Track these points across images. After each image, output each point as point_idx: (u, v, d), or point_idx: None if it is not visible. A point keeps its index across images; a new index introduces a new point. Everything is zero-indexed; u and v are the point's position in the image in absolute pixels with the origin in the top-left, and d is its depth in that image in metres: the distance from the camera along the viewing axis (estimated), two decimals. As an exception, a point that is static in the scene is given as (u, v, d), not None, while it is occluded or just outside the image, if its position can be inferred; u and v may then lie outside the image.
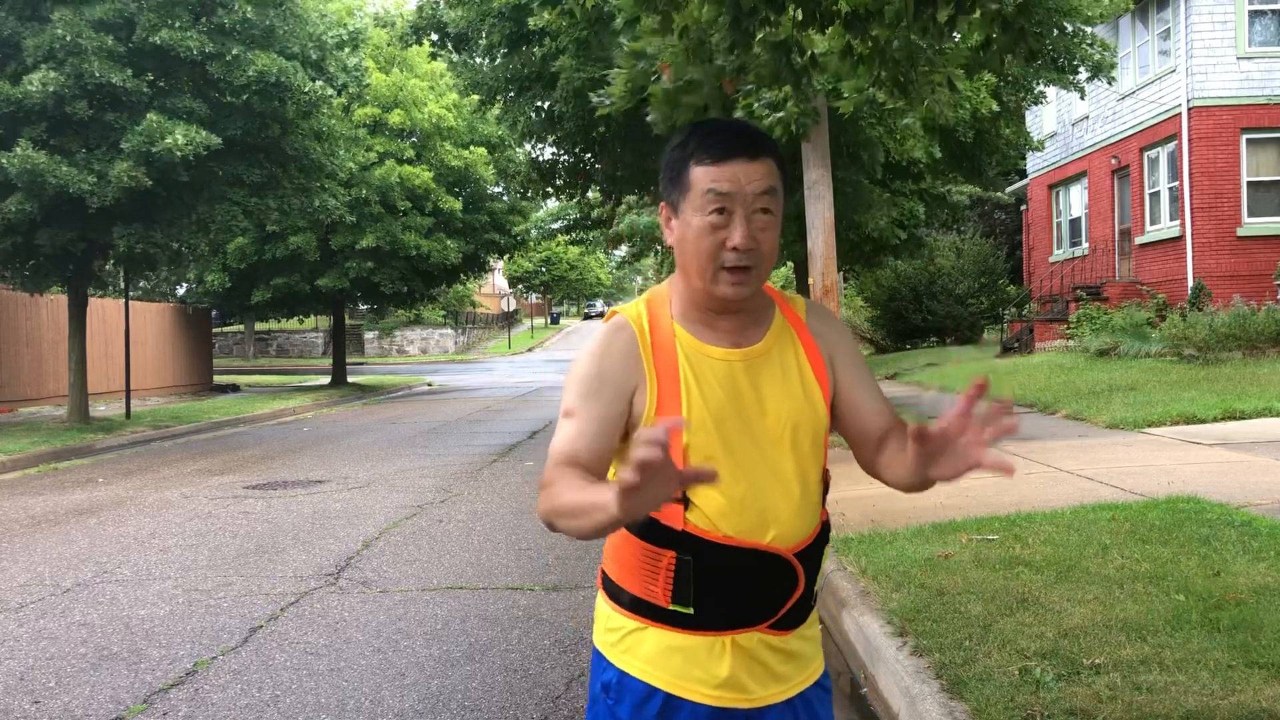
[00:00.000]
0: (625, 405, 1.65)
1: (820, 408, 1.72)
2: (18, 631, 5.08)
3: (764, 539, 1.64)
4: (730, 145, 1.63)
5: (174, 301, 32.13)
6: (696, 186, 1.63)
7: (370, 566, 6.27)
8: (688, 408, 1.63)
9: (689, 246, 1.64)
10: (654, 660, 1.66)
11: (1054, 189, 25.97)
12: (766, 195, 1.63)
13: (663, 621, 1.66)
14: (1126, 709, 3.28)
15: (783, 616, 1.68)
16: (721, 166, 1.61)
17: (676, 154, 1.68)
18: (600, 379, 1.65)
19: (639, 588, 1.67)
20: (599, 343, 1.70)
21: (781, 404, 1.68)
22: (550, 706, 3.93)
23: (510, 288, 75.99)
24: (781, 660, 1.70)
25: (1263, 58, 19.09)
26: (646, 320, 1.70)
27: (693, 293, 1.69)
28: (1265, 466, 7.97)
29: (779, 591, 1.67)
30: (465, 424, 15.96)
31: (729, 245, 1.61)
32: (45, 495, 9.58)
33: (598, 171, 15.62)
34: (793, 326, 1.76)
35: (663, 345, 1.67)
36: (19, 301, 18.44)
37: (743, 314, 1.71)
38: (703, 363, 1.67)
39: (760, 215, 1.63)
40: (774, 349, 1.72)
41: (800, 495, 1.68)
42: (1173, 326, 16.26)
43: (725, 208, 1.61)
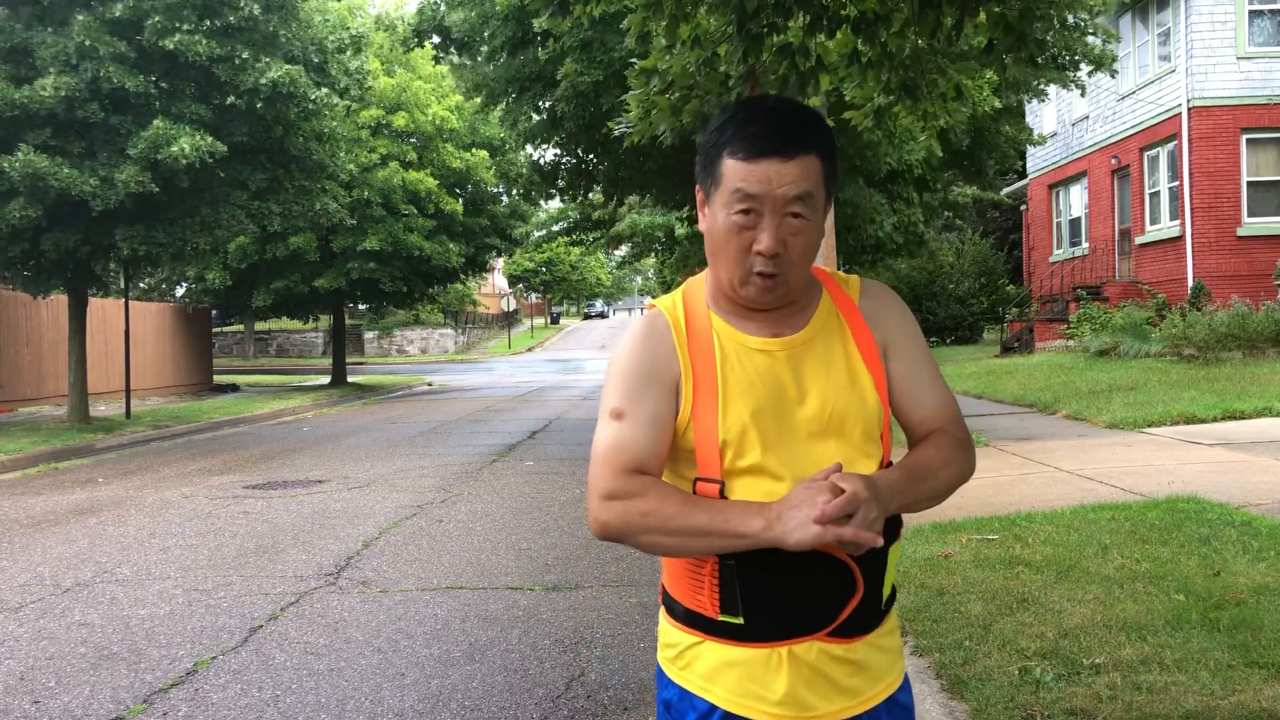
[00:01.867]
0: (674, 400, 1.56)
1: (871, 397, 1.59)
2: (18, 631, 5.08)
3: None
4: (765, 141, 1.50)
5: (174, 301, 32.14)
6: (726, 181, 1.52)
7: (370, 566, 6.27)
8: (724, 400, 1.54)
9: (717, 243, 1.56)
10: (711, 676, 1.57)
11: (1054, 189, 25.97)
12: (800, 200, 1.51)
13: (715, 634, 1.56)
14: (1126, 709, 3.28)
15: (844, 623, 1.55)
16: (752, 164, 1.50)
17: (713, 137, 1.57)
18: (647, 375, 1.57)
19: (688, 599, 1.59)
20: (638, 337, 1.62)
21: (826, 395, 1.57)
22: (550, 706, 3.93)
23: (510, 287, 75.99)
24: (849, 673, 1.57)
25: (1262, 58, 19.10)
26: (682, 310, 1.62)
27: (722, 285, 1.60)
28: (1265, 466, 7.97)
29: (834, 595, 1.54)
30: (465, 424, 15.96)
31: (755, 249, 1.52)
32: (45, 495, 9.58)
33: (600, 173, 15.62)
34: (842, 311, 1.64)
35: (699, 335, 1.59)
36: (19, 301, 18.44)
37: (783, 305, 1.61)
38: (741, 353, 1.58)
39: (793, 219, 1.51)
40: (818, 336, 1.61)
41: None
42: (1172, 326, 16.26)
43: (753, 209, 1.50)
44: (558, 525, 7.42)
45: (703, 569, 1.55)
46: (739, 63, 4.00)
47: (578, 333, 66.89)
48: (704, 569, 1.55)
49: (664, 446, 1.55)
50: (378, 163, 24.02)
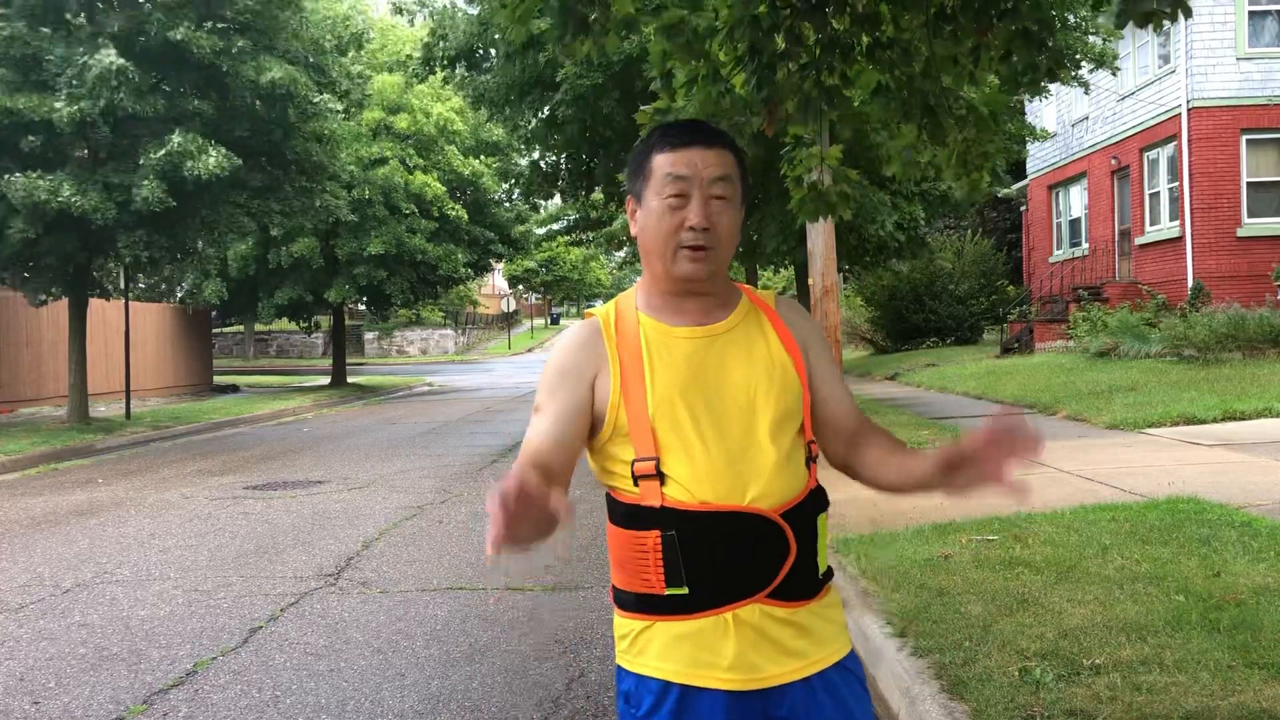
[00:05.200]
0: (587, 393, 1.72)
1: (792, 375, 1.75)
2: (18, 632, 5.08)
3: (744, 500, 1.64)
4: (688, 134, 1.72)
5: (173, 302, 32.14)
6: (657, 172, 1.71)
7: (370, 567, 6.27)
8: (651, 382, 1.68)
9: (650, 229, 1.72)
10: (663, 654, 1.66)
11: (1054, 189, 25.97)
12: (722, 181, 1.70)
13: (664, 612, 1.66)
14: (1126, 709, 3.28)
15: (783, 585, 1.66)
16: (680, 152, 1.70)
17: (640, 147, 1.79)
18: (562, 372, 1.74)
19: (636, 582, 1.68)
20: (565, 341, 1.80)
21: (748, 372, 1.72)
22: (550, 707, 3.93)
23: (510, 288, 75.98)
24: (794, 635, 1.68)
25: (1262, 58, 19.10)
26: (613, 313, 1.79)
27: (655, 279, 1.76)
28: (1265, 467, 7.97)
29: (771, 556, 1.65)
30: (465, 424, 15.96)
31: (687, 224, 1.68)
32: (45, 496, 9.58)
33: (599, 173, 15.64)
34: (761, 310, 1.81)
35: (626, 331, 1.74)
36: (19, 302, 18.43)
37: (707, 297, 1.76)
38: (665, 342, 1.73)
39: (716, 200, 1.70)
40: (740, 326, 1.77)
41: (777, 455, 1.68)
42: (1172, 327, 16.26)
43: (683, 191, 1.69)
44: (558, 526, 7.42)
45: (646, 544, 1.65)
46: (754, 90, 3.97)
47: (578, 333, 66.79)
48: (647, 544, 1.65)
49: (569, 436, 1.71)
50: (378, 159, 23.98)
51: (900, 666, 3.79)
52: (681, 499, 1.64)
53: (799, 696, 1.68)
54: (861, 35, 4.06)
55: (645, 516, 1.66)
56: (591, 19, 3.77)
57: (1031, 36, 3.90)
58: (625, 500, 1.70)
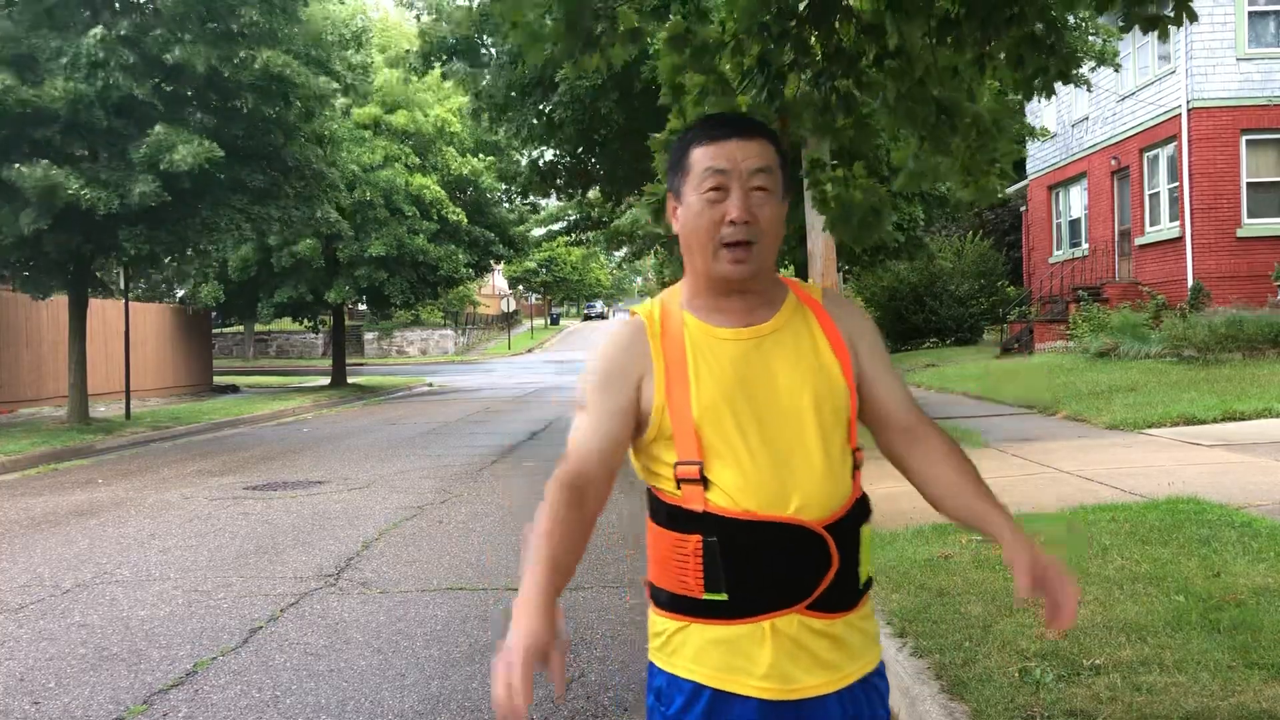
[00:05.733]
0: (633, 394, 1.69)
1: (839, 381, 1.70)
2: (18, 632, 5.07)
3: (787, 510, 1.60)
4: (726, 126, 1.69)
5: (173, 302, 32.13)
6: (695, 167, 1.67)
7: (370, 567, 6.27)
8: (696, 387, 1.64)
9: (689, 225, 1.68)
10: (697, 657, 1.64)
11: (1054, 190, 25.97)
12: (762, 173, 1.66)
13: (701, 615, 1.63)
14: (1126, 710, 3.28)
15: (823, 597, 1.63)
16: (718, 145, 1.66)
17: (678, 143, 1.74)
18: (608, 373, 1.71)
19: (674, 583, 1.66)
20: (609, 338, 1.76)
21: (795, 377, 1.67)
22: (550, 708, 3.93)
23: (510, 288, 76.00)
24: (829, 647, 1.65)
25: (1262, 59, 19.10)
26: (658, 312, 1.74)
27: (698, 277, 1.71)
28: (1265, 467, 7.97)
29: (812, 568, 1.62)
30: (465, 425, 15.96)
31: (727, 219, 1.64)
32: (45, 496, 9.58)
33: (598, 172, 15.64)
34: (808, 307, 1.76)
35: (671, 332, 1.70)
36: (19, 302, 18.44)
37: (751, 294, 1.71)
38: (711, 344, 1.68)
39: (757, 192, 1.65)
40: (786, 326, 1.71)
41: (823, 464, 1.64)
42: (1172, 327, 16.25)
43: (722, 185, 1.64)
44: (558, 526, 7.42)
45: (686, 548, 1.63)
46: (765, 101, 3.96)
47: (578, 334, 66.87)
48: (687, 548, 1.63)
49: (616, 437, 1.69)
50: (379, 164, 23.98)
51: (900, 667, 3.79)
52: (724, 506, 1.61)
53: (833, 711, 1.65)
54: (868, 46, 4.06)
55: (687, 520, 1.64)
56: (599, 32, 3.78)
57: (1039, 41, 3.90)
58: (667, 501, 1.68)
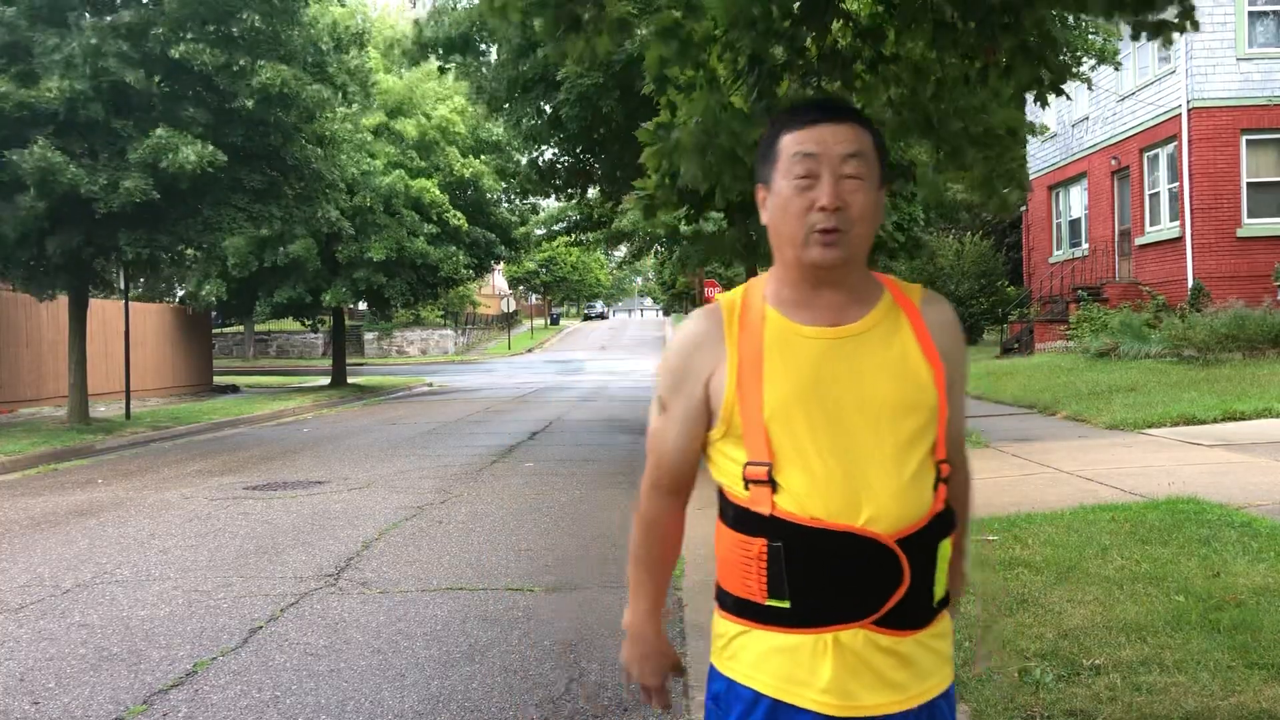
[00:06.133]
0: (703, 394, 1.65)
1: (929, 390, 1.61)
2: (17, 632, 5.07)
3: (858, 521, 1.53)
4: (818, 110, 1.64)
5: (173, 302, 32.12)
6: (784, 153, 1.62)
7: (370, 567, 6.27)
8: (770, 386, 1.58)
9: (778, 213, 1.62)
10: (757, 664, 1.59)
11: (1054, 190, 25.98)
12: (855, 159, 1.59)
13: (763, 621, 1.58)
14: (1126, 710, 3.28)
15: (892, 613, 1.55)
16: (808, 130, 1.60)
17: (767, 133, 1.68)
18: (684, 370, 1.67)
19: (738, 585, 1.61)
20: (685, 329, 1.70)
21: (881, 383, 1.59)
22: (550, 707, 3.93)
23: (510, 288, 76.01)
24: (895, 666, 1.57)
25: (1262, 59, 19.10)
26: (739, 302, 1.68)
27: (787, 267, 1.65)
28: (1265, 467, 7.97)
29: (881, 582, 1.54)
30: (465, 425, 15.96)
31: (817, 205, 1.58)
32: (45, 496, 9.58)
33: (598, 172, 15.63)
34: (904, 309, 1.67)
35: (750, 325, 1.63)
36: (19, 302, 18.44)
37: (842, 290, 1.64)
38: (791, 341, 1.61)
39: (849, 180, 1.59)
40: (877, 328, 1.63)
41: (900, 475, 1.56)
42: (1172, 327, 16.26)
43: (812, 171, 1.59)
44: (558, 526, 7.42)
45: (751, 551, 1.58)
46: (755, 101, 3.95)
47: (578, 334, 66.89)
48: (752, 551, 1.58)
49: (692, 437, 1.68)
50: (380, 170, 23.97)
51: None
52: (792, 511, 1.55)
53: None
54: (863, 49, 4.05)
55: (753, 522, 1.58)
56: (586, 18, 3.75)
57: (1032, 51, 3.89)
58: (734, 501, 1.62)
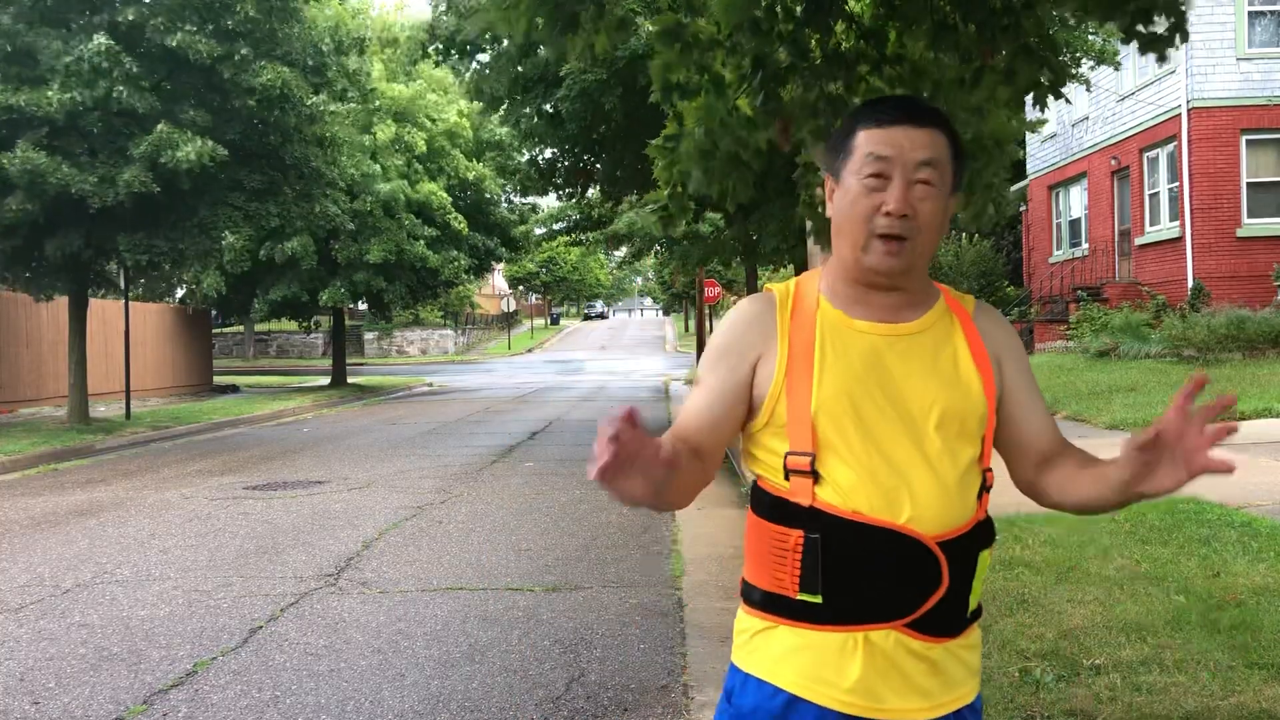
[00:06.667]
0: (748, 373, 1.59)
1: (977, 397, 1.58)
2: (17, 632, 5.07)
3: (899, 519, 1.49)
4: (897, 110, 1.58)
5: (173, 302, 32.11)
6: (858, 150, 1.57)
7: (370, 567, 6.27)
8: (819, 374, 1.54)
9: (843, 211, 1.58)
10: (780, 659, 1.54)
11: (1054, 190, 25.97)
12: (928, 166, 1.54)
13: (792, 616, 1.54)
14: (1126, 710, 3.28)
15: (926, 617, 1.51)
16: (885, 130, 1.55)
17: (844, 123, 1.64)
18: (726, 348, 1.62)
19: (768, 579, 1.56)
20: (736, 311, 1.67)
21: (928, 386, 1.56)
22: (550, 707, 3.93)
23: (510, 289, 76.02)
24: (925, 672, 1.53)
25: (1262, 59, 19.10)
26: (792, 292, 1.64)
27: (845, 266, 1.61)
28: (1265, 467, 7.98)
29: (918, 584, 1.50)
30: (465, 425, 15.96)
31: (883, 210, 1.53)
32: (45, 496, 9.58)
33: (598, 171, 15.63)
34: (957, 317, 1.65)
35: (803, 314, 1.60)
36: (19, 302, 18.44)
37: (899, 293, 1.60)
38: (844, 334, 1.58)
39: (921, 186, 1.54)
40: (929, 331, 1.60)
41: (943, 480, 1.52)
42: (1172, 327, 16.26)
43: (883, 172, 1.54)
44: (558, 526, 7.42)
45: (786, 543, 1.53)
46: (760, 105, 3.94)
47: (577, 334, 66.90)
48: (787, 543, 1.53)
49: (721, 413, 1.59)
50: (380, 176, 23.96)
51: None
52: (833, 503, 1.51)
53: None
54: (867, 50, 4.05)
55: (791, 513, 1.54)
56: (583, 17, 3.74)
57: (1033, 53, 3.89)
58: (772, 491, 1.57)
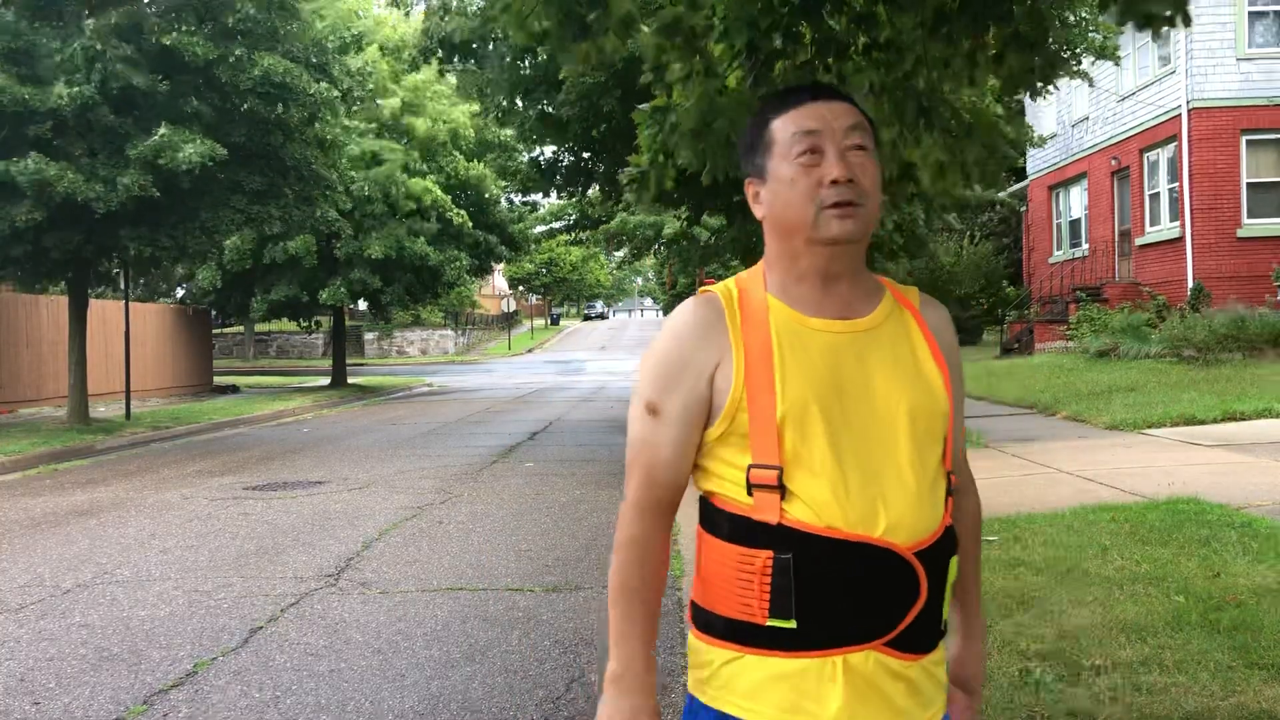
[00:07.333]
0: (706, 390, 1.47)
1: (940, 394, 1.50)
2: (18, 632, 5.08)
3: (875, 531, 1.40)
4: (808, 92, 1.53)
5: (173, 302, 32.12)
6: (780, 135, 1.49)
7: (370, 567, 6.27)
8: (782, 382, 1.43)
9: (782, 197, 1.48)
10: (754, 694, 1.42)
11: (1054, 190, 25.98)
12: (858, 130, 1.49)
13: (761, 645, 1.42)
14: (1126, 710, 3.28)
15: (904, 634, 1.42)
16: (803, 108, 1.49)
17: (753, 123, 1.57)
18: (681, 363, 1.49)
19: (733, 606, 1.44)
20: (680, 318, 1.52)
21: (893, 384, 1.47)
22: (550, 708, 3.93)
23: (511, 289, 76.01)
24: (904, 692, 1.44)
25: (1263, 59, 19.10)
26: (735, 292, 1.53)
27: (792, 256, 1.51)
28: (1265, 468, 7.97)
29: (896, 599, 1.42)
30: (465, 425, 15.96)
31: (827, 180, 1.45)
32: (45, 496, 9.58)
33: (598, 171, 15.63)
34: (907, 309, 1.57)
35: (754, 316, 1.49)
36: (19, 302, 18.45)
37: (851, 285, 1.52)
38: (801, 334, 1.47)
39: (855, 151, 1.47)
40: (885, 325, 1.52)
41: (915, 484, 1.44)
42: (1172, 327, 16.26)
43: (815, 146, 1.47)
44: (558, 526, 7.42)
45: (752, 565, 1.42)
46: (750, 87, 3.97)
47: (578, 334, 66.89)
48: (754, 565, 1.41)
49: (693, 445, 1.50)
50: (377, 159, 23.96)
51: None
52: (805, 520, 1.40)
53: None
54: (859, 35, 4.07)
55: (756, 533, 1.42)
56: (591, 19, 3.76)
57: (1024, 40, 3.91)
58: (731, 510, 1.46)
